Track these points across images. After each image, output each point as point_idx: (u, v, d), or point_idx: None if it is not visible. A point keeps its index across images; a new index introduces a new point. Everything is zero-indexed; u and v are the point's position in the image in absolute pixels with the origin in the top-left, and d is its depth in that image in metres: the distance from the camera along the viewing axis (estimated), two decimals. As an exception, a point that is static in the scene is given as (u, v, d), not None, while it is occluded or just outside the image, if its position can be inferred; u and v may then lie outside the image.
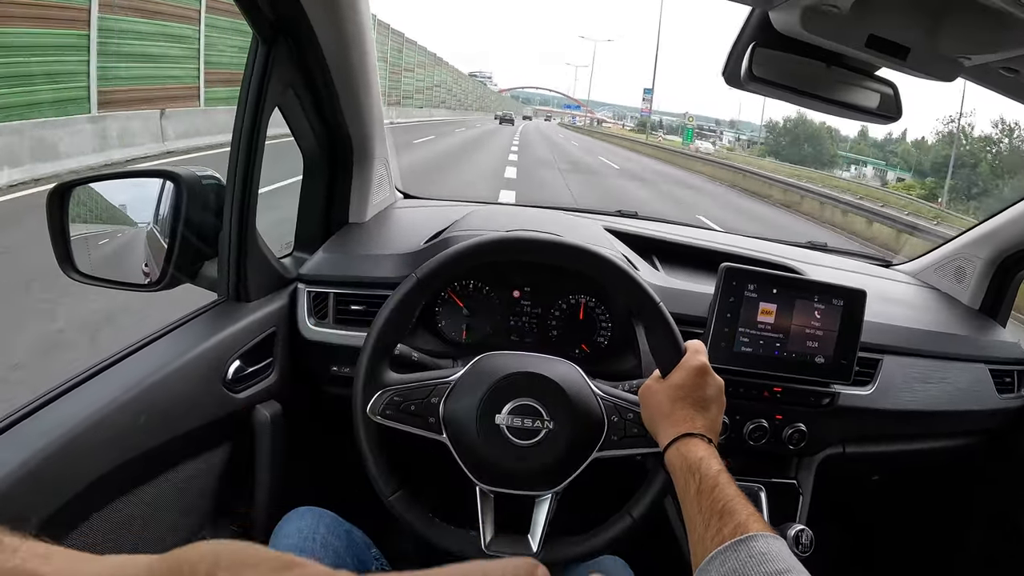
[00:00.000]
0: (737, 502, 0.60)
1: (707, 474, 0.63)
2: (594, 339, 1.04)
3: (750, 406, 0.97)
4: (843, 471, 1.12)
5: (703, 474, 0.64)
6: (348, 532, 0.82)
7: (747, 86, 0.88)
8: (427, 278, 0.77)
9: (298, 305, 0.98)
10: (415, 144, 14.80)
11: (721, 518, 0.58)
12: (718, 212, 10.74)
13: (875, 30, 0.82)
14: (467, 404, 0.75)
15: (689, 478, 0.64)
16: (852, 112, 0.94)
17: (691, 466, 0.65)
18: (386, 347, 0.78)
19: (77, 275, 0.87)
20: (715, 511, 0.59)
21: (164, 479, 0.78)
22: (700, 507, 0.61)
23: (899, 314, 1.15)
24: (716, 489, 0.61)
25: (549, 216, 1.27)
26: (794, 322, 0.94)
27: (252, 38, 0.82)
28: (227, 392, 0.84)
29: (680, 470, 0.67)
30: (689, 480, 0.64)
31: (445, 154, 14.09)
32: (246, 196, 0.83)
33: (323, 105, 0.94)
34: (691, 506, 0.63)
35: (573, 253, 0.78)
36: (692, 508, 0.63)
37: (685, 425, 0.70)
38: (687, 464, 0.66)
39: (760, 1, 0.83)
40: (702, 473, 0.64)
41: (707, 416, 0.71)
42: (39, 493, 0.60)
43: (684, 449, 0.68)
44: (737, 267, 0.94)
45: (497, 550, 0.75)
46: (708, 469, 0.64)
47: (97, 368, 0.74)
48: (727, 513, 0.59)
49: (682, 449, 0.68)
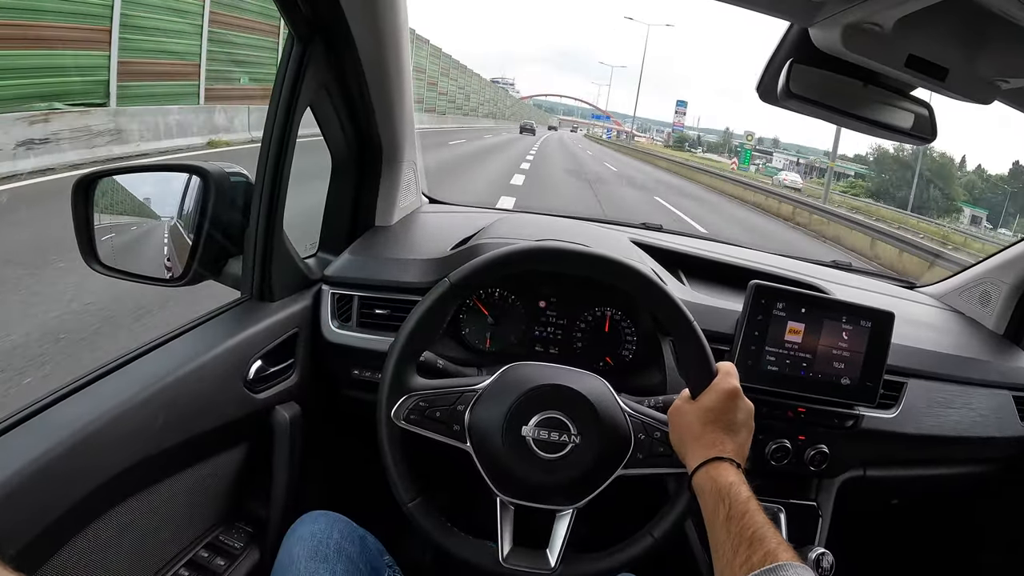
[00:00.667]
0: (767, 530, 0.59)
1: (737, 500, 0.63)
2: (619, 352, 1.03)
3: (773, 426, 0.95)
4: (862, 494, 1.10)
5: (733, 499, 0.63)
6: (362, 538, 0.81)
7: (783, 102, 0.87)
8: (461, 283, 0.76)
9: (322, 307, 0.97)
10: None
11: (751, 545, 0.58)
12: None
13: (915, 50, 0.81)
14: (494, 413, 0.74)
15: (719, 503, 0.64)
16: (886, 132, 0.93)
17: (721, 491, 0.64)
18: (414, 351, 0.77)
19: (100, 267, 0.86)
20: (744, 538, 0.59)
21: (180, 477, 0.78)
22: (729, 533, 0.60)
23: (923, 337, 1.13)
24: (746, 516, 0.61)
25: (577, 227, 1.26)
26: (821, 342, 0.93)
27: (288, 36, 0.82)
28: (248, 392, 0.83)
29: (709, 494, 0.66)
30: (719, 505, 0.63)
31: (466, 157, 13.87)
32: (275, 194, 0.83)
33: (355, 106, 0.94)
34: (719, 531, 0.62)
35: (610, 267, 0.77)
36: (720, 533, 0.62)
37: (715, 449, 0.69)
38: (717, 488, 0.65)
39: (800, 17, 0.83)
40: (732, 498, 0.63)
41: (736, 440, 0.71)
42: (54, 488, 0.60)
43: (714, 473, 0.67)
44: (767, 285, 0.93)
45: (514, 564, 0.74)
46: (738, 495, 0.63)
47: (118, 363, 0.73)
48: (757, 540, 0.58)
49: (712, 473, 0.67)
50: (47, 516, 0.58)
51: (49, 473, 0.59)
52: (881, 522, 1.31)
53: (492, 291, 1.02)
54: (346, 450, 1.10)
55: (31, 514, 0.57)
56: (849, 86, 0.88)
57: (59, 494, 0.60)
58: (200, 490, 0.81)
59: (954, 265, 5.90)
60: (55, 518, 0.59)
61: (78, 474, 0.62)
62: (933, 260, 8.98)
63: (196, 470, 0.80)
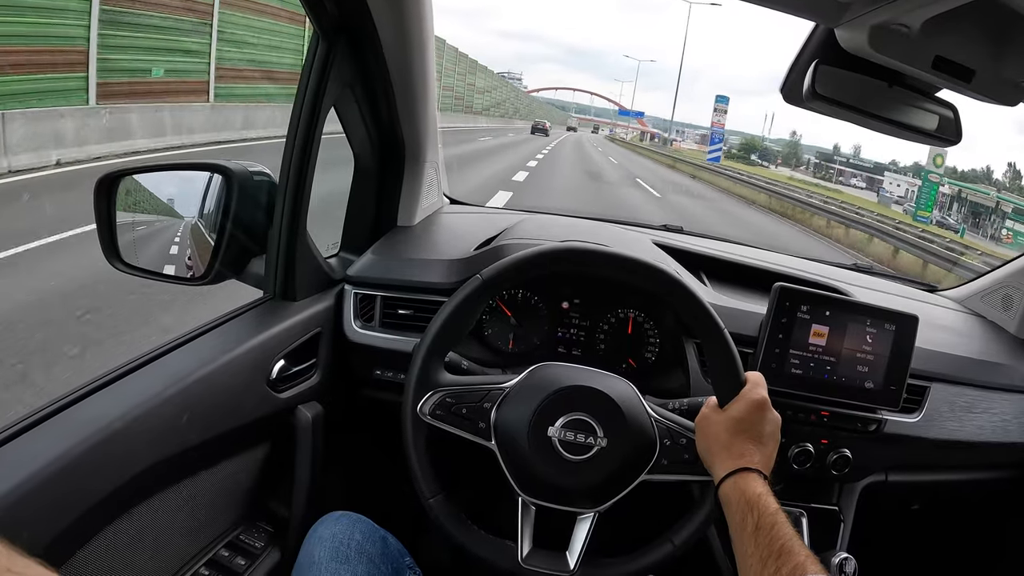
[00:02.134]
0: (795, 543, 0.59)
1: (765, 512, 0.63)
2: (642, 354, 1.02)
3: (796, 429, 0.94)
4: (884, 499, 1.10)
5: (762, 511, 0.63)
6: (383, 539, 0.80)
7: (808, 103, 0.87)
8: (493, 280, 0.76)
9: (344, 307, 0.97)
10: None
11: (779, 558, 0.58)
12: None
13: (942, 51, 0.81)
14: (520, 413, 0.73)
15: (747, 514, 0.63)
16: (911, 134, 0.92)
17: (749, 502, 0.64)
18: (443, 347, 0.77)
19: (122, 265, 0.87)
20: (773, 550, 0.59)
21: (203, 476, 0.77)
22: (757, 544, 0.61)
23: (946, 341, 1.12)
24: (775, 528, 0.61)
25: (599, 228, 1.26)
26: (845, 345, 0.92)
27: (313, 35, 0.82)
28: (270, 391, 0.83)
29: (737, 505, 0.65)
30: (746, 516, 0.63)
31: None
32: (299, 194, 0.83)
33: (379, 106, 0.94)
34: (747, 543, 0.62)
35: (647, 272, 0.77)
36: (747, 545, 0.62)
37: (743, 459, 0.69)
38: (745, 499, 0.65)
39: (827, 17, 0.82)
40: (760, 510, 0.63)
41: (764, 451, 0.70)
42: (79, 484, 0.60)
43: (742, 484, 0.67)
44: (791, 287, 0.92)
45: (533, 565, 0.73)
46: (767, 506, 0.63)
47: (141, 361, 0.73)
48: (785, 553, 0.58)
49: (740, 483, 0.67)
50: (71, 512, 0.58)
51: (74, 469, 0.59)
52: (902, 527, 1.30)
53: (516, 292, 1.02)
54: (367, 450, 1.10)
55: (56, 510, 0.57)
56: (875, 87, 0.87)
57: (83, 491, 0.60)
58: (222, 489, 0.81)
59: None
60: (79, 514, 0.59)
61: (102, 471, 0.62)
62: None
63: (218, 469, 0.80)
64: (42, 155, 5.58)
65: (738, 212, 12.60)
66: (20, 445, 0.59)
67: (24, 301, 2.89)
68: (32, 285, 3.17)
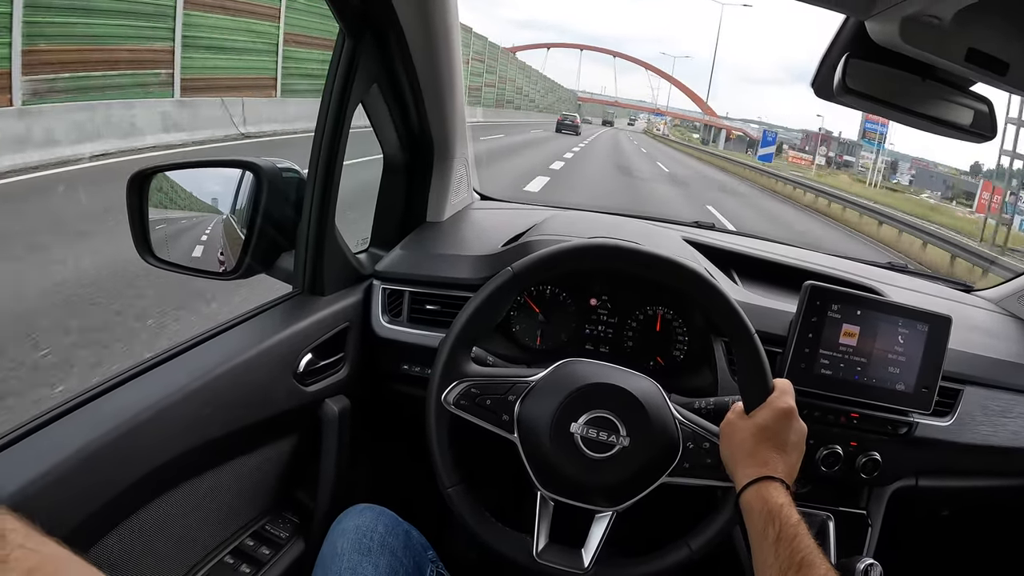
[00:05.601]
0: (816, 555, 0.59)
1: (787, 522, 0.62)
2: (670, 352, 1.02)
3: (825, 431, 0.93)
4: (913, 504, 1.07)
5: (783, 522, 0.62)
6: (407, 532, 0.81)
7: (839, 98, 0.85)
8: (524, 273, 0.76)
9: (372, 302, 0.98)
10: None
11: (800, 570, 0.58)
12: None
13: (975, 43, 0.79)
14: (544, 407, 0.73)
15: (768, 523, 0.63)
16: (945, 129, 0.90)
17: (771, 511, 0.64)
18: (471, 338, 0.77)
19: (154, 260, 0.89)
20: (794, 562, 0.59)
21: (229, 467, 0.79)
22: (777, 556, 0.60)
23: (981, 343, 1.09)
24: (796, 539, 0.60)
25: (629, 224, 1.25)
26: (877, 346, 0.90)
27: (339, 32, 0.83)
28: (298, 385, 0.84)
29: (758, 513, 0.65)
30: (768, 526, 0.63)
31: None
32: (327, 190, 0.84)
33: (407, 102, 0.95)
34: (767, 553, 0.62)
35: (675, 270, 0.76)
36: (768, 555, 0.61)
37: (767, 468, 0.68)
38: (767, 509, 0.64)
39: (857, 9, 0.81)
40: (782, 521, 0.63)
41: (788, 461, 0.70)
42: (105, 473, 0.61)
43: (764, 492, 0.66)
44: (822, 286, 0.90)
45: (548, 560, 0.73)
46: (789, 517, 0.63)
47: (170, 354, 0.75)
48: (807, 565, 0.58)
49: (762, 492, 0.66)
50: (97, 500, 0.60)
51: (101, 459, 0.60)
52: (930, 534, 1.26)
53: (544, 288, 1.02)
54: (393, 444, 1.11)
55: (82, 497, 0.59)
56: (907, 81, 0.86)
57: (110, 479, 0.61)
58: (248, 480, 0.82)
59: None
60: (105, 502, 0.61)
61: (129, 460, 0.63)
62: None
63: (245, 460, 0.81)
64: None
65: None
66: (47, 435, 0.60)
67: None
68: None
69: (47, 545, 0.31)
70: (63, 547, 0.32)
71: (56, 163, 5.48)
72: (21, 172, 5.10)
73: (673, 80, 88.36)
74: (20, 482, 0.54)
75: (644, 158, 21.40)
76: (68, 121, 5.89)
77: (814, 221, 12.47)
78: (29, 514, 0.32)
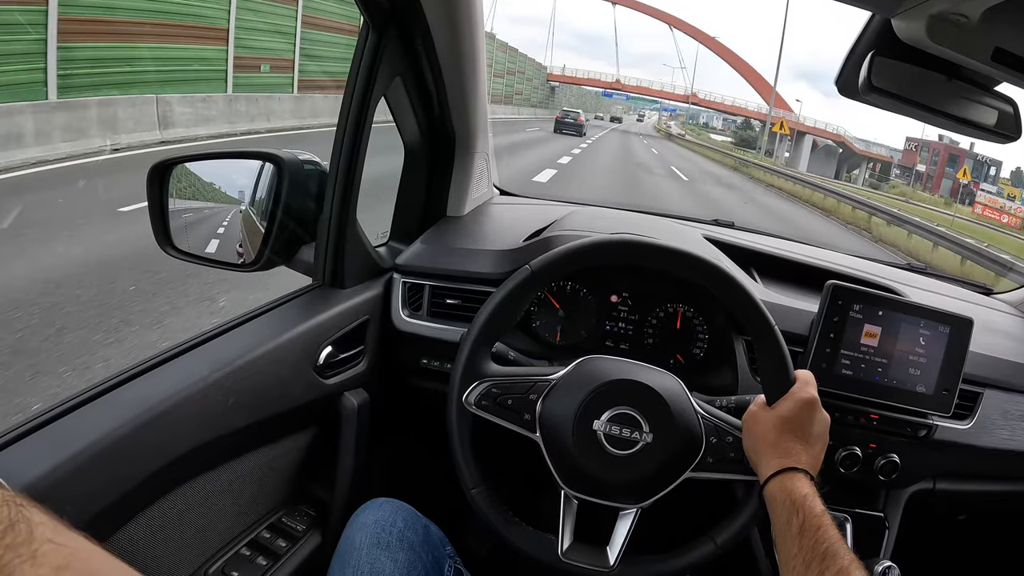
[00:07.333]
0: (840, 546, 0.59)
1: (811, 513, 0.62)
2: (690, 350, 1.01)
3: (844, 432, 0.92)
4: (931, 507, 1.06)
5: (807, 512, 0.62)
6: (425, 527, 0.81)
7: (864, 96, 0.85)
8: (542, 270, 0.75)
9: (392, 295, 0.98)
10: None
11: (823, 560, 0.57)
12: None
13: (1002, 43, 0.78)
14: (566, 405, 0.73)
15: (792, 515, 0.63)
16: (969, 129, 0.89)
17: (795, 503, 0.63)
18: (490, 337, 0.77)
19: (174, 251, 0.89)
20: (817, 553, 0.58)
21: (247, 458, 0.79)
22: (801, 546, 0.60)
23: (1001, 346, 1.08)
24: (820, 530, 0.60)
25: (649, 221, 1.24)
26: (898, 347, 0.90)
27: (363, 24, 0.83)
28: (317, 377, 0.84)
29: (782, 505, 0.64)
30: (792, 517, 0.63)
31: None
32: (349, 183, 0.84)
33: (429, 96, 0.94)
34: (791, 544, 0.61)
35: (696, 265, 0.76)
36: (792, 546, 0.61)
37: (790, 459, 0.68)
38: (791, 500, 0.64)
39: (883, 7, 0.80)
40: (806, 511, 0.62)
41: (811, 452, 0.69)
42: (125, 462, 0.61)
43: (788, 484, 0.66)
44: (844, 286, 0.90)
45: (573, 559, 0.73)
46: (812, 508, 0.62)
47: (190, 344, 0.75)
48: (830, 556, 0.58)
49: (786, 484, 0.66)
50: (116, 489, 0.60)
51: (121, 448, 0.60)
52: (948, 538, 1.25)
53: (564, 284, 1.02)
54: (412, 438, 1.11)
55: (101, 487, 0.59)
56: (933, 80, 0.85)
57: (129, 469, 0.61)
58: (266, 471, 0.82)
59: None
60: (124, 492, 0.61)
61: (148, 450, 0.63)
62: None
63: (263, 452, 0.81)
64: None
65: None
66: (68, 423, 0.60)
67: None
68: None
69: (75, 540, 0.30)
70: (91, 541, 0.31)
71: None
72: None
73: (719, 47, 51.07)
74: (39, 471, 0.54)
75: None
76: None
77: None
78: (54, 505, 0.31)
